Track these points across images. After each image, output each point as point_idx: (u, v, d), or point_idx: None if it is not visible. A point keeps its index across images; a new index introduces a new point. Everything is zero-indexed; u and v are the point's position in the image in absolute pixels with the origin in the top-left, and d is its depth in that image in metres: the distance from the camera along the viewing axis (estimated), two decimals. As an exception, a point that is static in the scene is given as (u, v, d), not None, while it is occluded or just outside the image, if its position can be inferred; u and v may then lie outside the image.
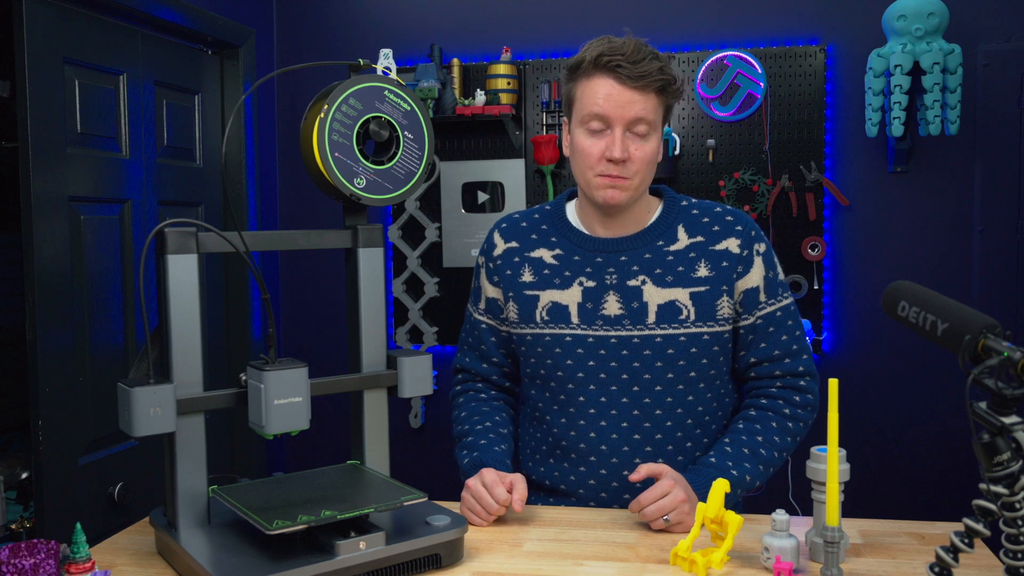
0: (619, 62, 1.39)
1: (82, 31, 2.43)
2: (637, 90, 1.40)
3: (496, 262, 1.59)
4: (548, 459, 1.56)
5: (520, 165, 3.28)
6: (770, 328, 1.50)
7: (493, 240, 1.61)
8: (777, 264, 1.53)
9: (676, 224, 1.52)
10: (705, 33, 3.17)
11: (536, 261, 1.55)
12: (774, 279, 1.51)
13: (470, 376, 1.68)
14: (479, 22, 3.34)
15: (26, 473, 2.59)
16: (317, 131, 1.24)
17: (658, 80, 1.41)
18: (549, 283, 1.52)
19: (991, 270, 3.00)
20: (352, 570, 1.12)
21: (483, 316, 1.63)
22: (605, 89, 1.41)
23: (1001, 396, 0.85)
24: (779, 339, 1.50)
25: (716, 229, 1.50)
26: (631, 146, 1.42)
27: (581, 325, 1.49)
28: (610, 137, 1.42)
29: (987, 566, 1.18)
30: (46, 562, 1.10)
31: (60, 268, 2.30)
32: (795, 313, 1.53)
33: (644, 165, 1.44)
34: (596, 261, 1.51)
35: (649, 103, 1.41)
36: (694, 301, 1.46)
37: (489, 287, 1.61)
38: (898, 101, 2.76)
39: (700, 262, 1.48)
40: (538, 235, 1.57)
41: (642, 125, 1.42)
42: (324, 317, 3.52)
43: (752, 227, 1.52)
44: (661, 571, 1.20)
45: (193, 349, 1.21)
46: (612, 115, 1.41)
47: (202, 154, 3.02)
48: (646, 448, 1.48)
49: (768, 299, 1.50)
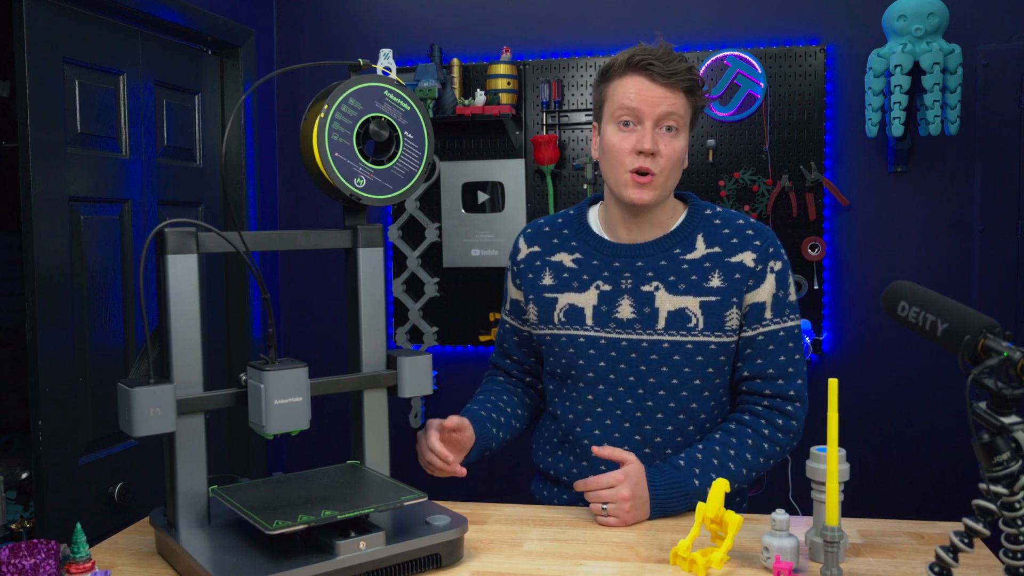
0: (651, 60, 1.44)
1: (82, 31, 2.43)
2: (668, 87, 1.45)
3: (520, 266, 1.65)
4: (557, 451, 1.60)
5: (520, 165, 3.28)
6: (770, 346, 1.50)
7: (518, 245, 1.68)
8: (791, 285, 1.53)
9: (696, 233, 1.54)
10: (705, 33, 3.17)
11: (556, 265, 1.60)
12: (783, 299, 1.51)
13: (496, 371, 1.78)
14: (479, 22, 3.34)
15: (26, 473, 2.59)
16: (317, 131, 1.24)
17: (687, 79, 1.46)
18: (567, 286, 1.57)
19: (991, 270, 3.00)
20: (352, 570, 1.12)
21: (508, 317, 1.71)
22: (636, 86, 1.46)
23: (1001, 396, 0.85)
24: (776, 359, 1.50)
25: (735, 241, 1.51)
26: (660, 142, 1.46)
27: (595, 327, 1.53)
28: (640, 132, 1.46)
29: (987, 566, 1.18)
30: (46, 562, 1.10)
31: (60, 268, 2.30)
32: (798, 337, 1.52)
33: (672, 162, 1.47)
34: (614, 266, 1.54)
35: (679, 101, 1.46)
36: (704, 310, 1.48)
37: (513, 289, 1.68)
38: (898, 101, 2.76)
39: (714, 272, 1.49)
40: (559, 240, 1.62)
41: (671, 121, 1.46)
42: (324, 317, 3.52)
43: (772, 244, 1.52)
44: (661, 571, 1.20)
45: (193, 349, 1.21)
46: (643, 109, 1.45)
47: (202, 154, 3.02)
48: (645, 449, 1.51)
49: (773, 317, 1.50)
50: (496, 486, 3.26)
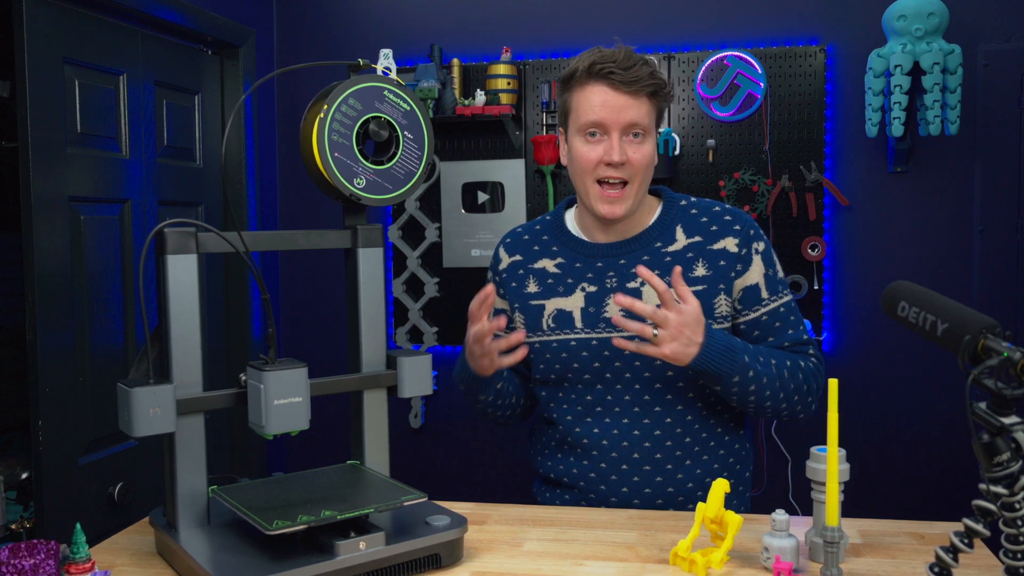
0: (611, 69, 1.44)
1: (82, 31, 2.43)
2: (630, 95, 1.45)
3: (502, 275, 1.66)
4: (556, 454, 1.60)
5: (520, 165, 3.28)
6: (776, 323, 1.53)
7: (499, 255, 1.68)
8: (776, 262, 1.56)
9: (675, 225, 1.55)
10: (705, 33, 3.17)
11: (539, 272, 1.60)
12: (773, 276, 1.54)
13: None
14: (479, 22, 3.34)
15: (26, 473, 2.59)
16: (317, 131, 1.24)
17: (650, 84, 1.45)
18: (553, 291, 1.57)
19: (991, 270, 3.00)
20: (352, 570, 1.12)
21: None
22: (600, 96, 1.46)
23: (1001, 396, 0.85)
24: (786, 332, 1.53)
25: (714, 229, 1.53)
26: (628, 150, 1.47)
27: (585, 329, 1.54)
28: (607, 143, 1.47)
29: (987, 566, 1.18)
30: (46, 562, 1.10)
31: (60, 268, 2.30)
32: (796, 309, 1.56)
33: (642, 168, 1.48)
34: (597, 266, 1.55)
35: (643, 107, 1.46)
36: None
37: (497, 300, 1.67)
38: (898, 101, 2.76)
39: (698, 262, 1.51)
40: (540, 246, 1.62)
41: (638, 129, 1.47)
42: (324, 317, 3.52)
43: (751, 226, 1.54)
44: (661, 571, 1.20)
45: (193, 349, 1.21)
46: (608, 121, 1.46)
47: (202, 154, 3.02)
48: (645, 443, 1.51)
49: (770, 296, 1.53)
50: (496, 486, 3.27)
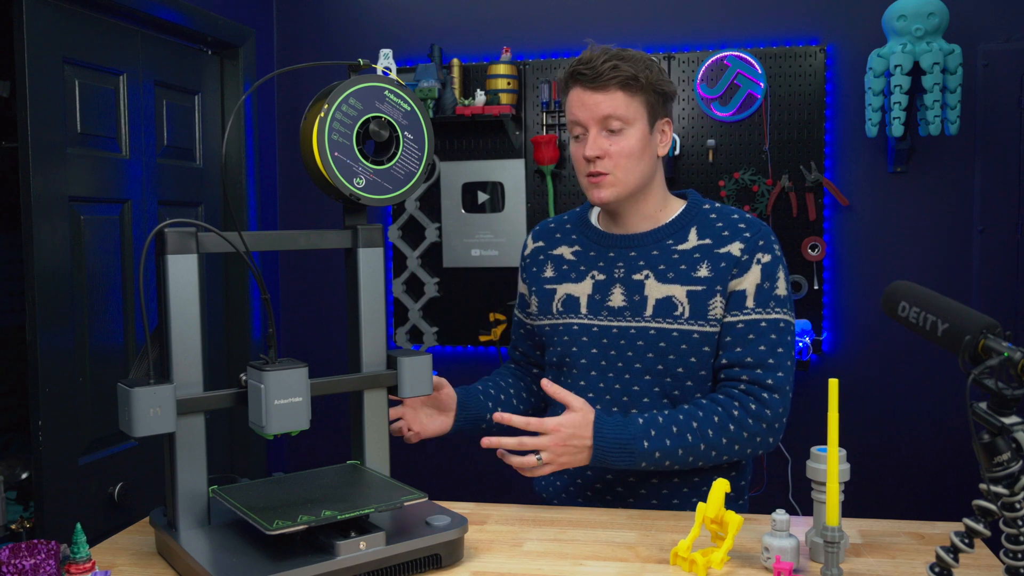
0: (580, 70, 1.50)
1: (82, 31, 2.43)
2: (598, 90, 1.49)
3: (526, 260, 1.74)
4: None
5: (520, 165, 3.28)
6: (750, 335, 1.48)
7: (527, 242, 1.76)
8: (781, 279, 1.52)
9: (691, 225, 1.57)
10: (705, 33, 3.17)
11: (557, 258, 1.66)
12: (768, 290, 1.50)
13: (508, 363, 1.85)
14: (479, 22, 3.34)
15: (26, 473, 2.59)
16: (317, 131, 1.24)
17: (614, 77, 1.48)
18: (566, 277, 1.63)
19: (991, 270, 3.00)
20: (352, 570, 1.12)
21: (517, 311, 1.80)
22: (576, 97, 1.53)
23: (1001, 396, 0.86)
24: (756, 348, 1.48)
25: (725, 234, 1.54)
26: (605, 143, 1.51)
27: (588, 315, 1.58)
28: (588, 139, 1.52)
29: (987, 566, 1.18)
30: (46, 562, 1.10)
31: (60, 268, 2.30)
32: (783, 331, 1.49)
33: (623, 158, 1.51)
34: (608, 256, 1.60)
35: (615, 100, 1.49)
36: (690, 299, 1.50)
37: (520, 284, 1.75)
38: (898, 101, 2.76)
39: (703, 263, 1.52)
40: (562, 234, 1.70)
41: (613, 121, 1.50)
42: (324, 317, 3.52)
43: (762, 237, 1.52)
44: (661, 571, 1.20)
45: (193, 349, 1.21)
46: (583, 118, 1.51)
47: (202, 154, 3.02)
48: None
49: (756, 307, 1.49)
50: (496, 486, 3.27)
